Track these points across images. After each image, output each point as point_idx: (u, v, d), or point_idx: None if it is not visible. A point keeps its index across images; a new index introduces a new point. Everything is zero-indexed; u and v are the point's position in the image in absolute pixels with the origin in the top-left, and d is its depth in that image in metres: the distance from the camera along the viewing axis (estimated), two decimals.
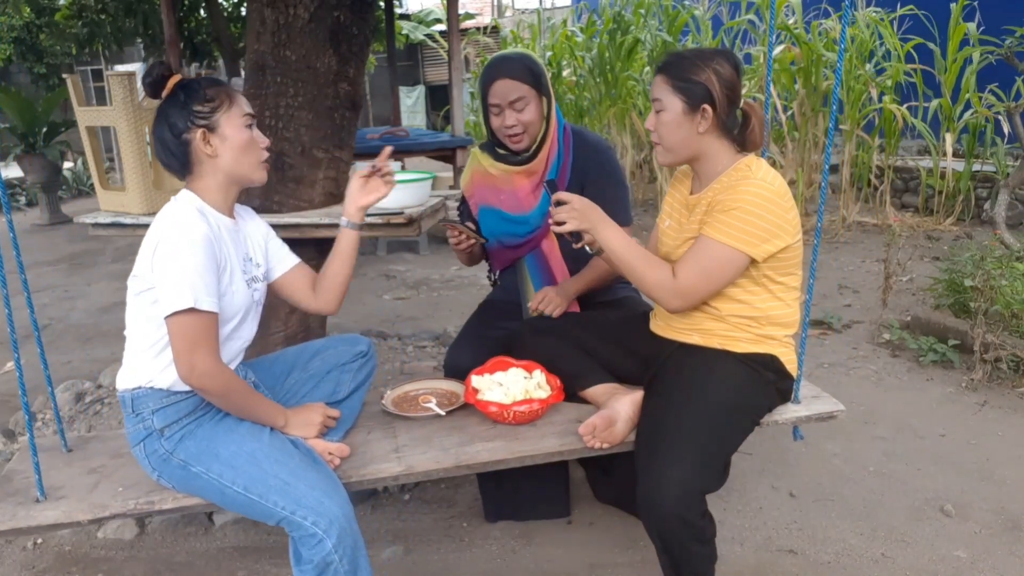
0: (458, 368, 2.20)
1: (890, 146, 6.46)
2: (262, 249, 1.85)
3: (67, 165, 10.20)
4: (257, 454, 1.63)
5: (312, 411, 1.80)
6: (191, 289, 1.53)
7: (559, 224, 1.79)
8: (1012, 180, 5.48)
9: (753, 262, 1.73)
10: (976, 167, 6.27)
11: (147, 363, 1.67)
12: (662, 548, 1.69)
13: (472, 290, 5.15)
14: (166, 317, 1.56)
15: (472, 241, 2.23)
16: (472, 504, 2.49)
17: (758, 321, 1.82)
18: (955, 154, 6.57)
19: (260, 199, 2.60)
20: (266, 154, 1.74)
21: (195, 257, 1.55)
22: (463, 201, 2.41)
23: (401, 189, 2.54)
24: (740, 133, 1.81)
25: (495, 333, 2.29)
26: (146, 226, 2.54)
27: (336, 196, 2.77)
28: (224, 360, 1.67)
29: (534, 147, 2.19)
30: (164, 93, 1.67)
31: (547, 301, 2.15)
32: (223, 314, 1.65)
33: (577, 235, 1.82)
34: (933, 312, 3.84)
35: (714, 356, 1.83)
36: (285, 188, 2.65)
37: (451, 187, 6.17)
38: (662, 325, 1.98)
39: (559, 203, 1.79)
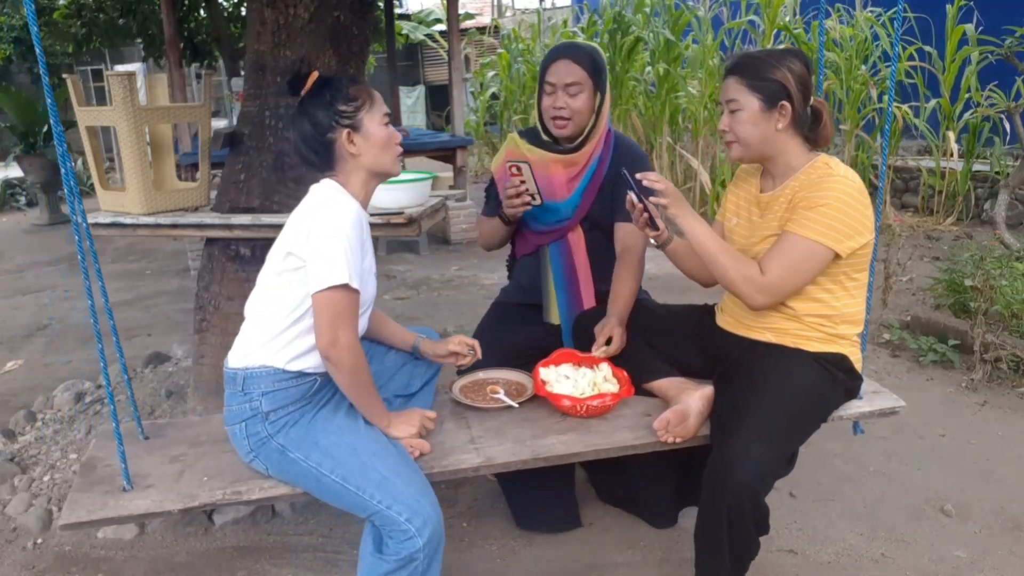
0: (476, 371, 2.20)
1: (890, 146, 6.46)
2: None
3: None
4: (356, 445, 1.66)
5: (413, 414, 1.82)
6: (347, 266, 1.57)
7: (652, 201, 1.80)
8: (1012, 180, 5.48)
9: (835, 259, 1.76)
10: (977, 167, 6.27)
11: (269, 342, 1.68)
12: (728, 525, 1.68)
13: (472, 290, 5.15)
14: (318, 292, 1.58)
15: (527, 199, 2.13)
16: (472, 504, 2.49)
17: (832, 320, 1.84)
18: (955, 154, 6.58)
19: (260, 199, 2.60)
20: (401, 148, 1.78)
21: (349, 237, 1.60)
22: (491, 183, 2.41)
23: (401, 189, 2.54)
24: (812, 129, 1.84)
25: (512, 338, 2.28)
26: (146, 226, 2.56)
27: None
28: None
29: (580, 139, 2.19)
30: (303, 90, 1.70)
31: (607, 331, 2.05)
32: (362, 299, 1.68)
33: (653, 224, 1.86)
34: (933, 312, 3.84)
35: (788, 354, 1.85)
36: (285, 188, 2.65)
37: (451, 187, 6.18)
38: (732, 322, 1.99)
39: (644, 189, 1.81)
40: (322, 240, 1.59)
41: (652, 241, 1.96)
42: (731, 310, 2.00)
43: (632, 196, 1.84)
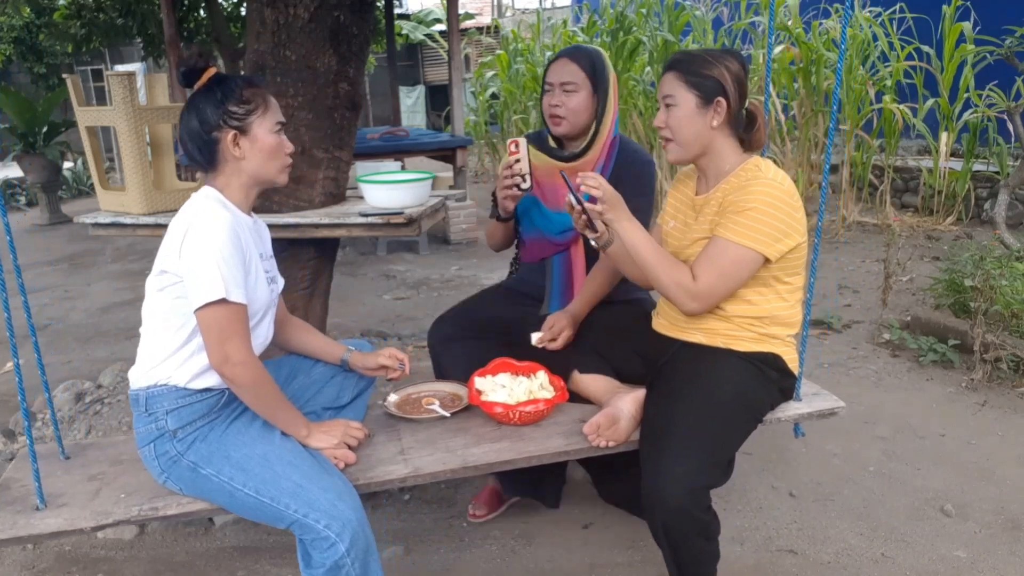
0: (439, 340, 2.25)
1: (890, 146, 6.46)
2: (270, 256, 1.85)
3: (67, 165, 10.21)
4: (269, 456, 1.62)
5: (335, 424, 1.78)
6: (222, 280, 1.52)
7: (588, 196, 1.79)
8: (1012, 180, 5.48)
9: (765, 263, 1.75)
10: (977, 167, 6.28)
11: (166, 359, 1.65)
12: (667, 544, 1.70)
13: (472, 290, 5.13)
14: (197, 310, 1.54)
15: (517, 180, 2.11)
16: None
17: (763, 321, 1.84)
18: (955, 154, 6.57)
19: (259, 199, 2.60)
20: (290, 159, 1.74)
21: (224, 249, 1.54)
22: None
23: (401, 189, 2.54)
24: (746, 132, 1.84)
25: (483, 314, 2.30)
26: (146, 226, 2.56)
27: (335, 196, 2.76)
28: None
29: (583, 146, 2.18)
30: (198, 85, 1.66)
31: (556, 330, 2.09)
32: (252, 309, 1.64)
33: (592, 227, 1.83)
34: (933, 312, 3.84)
35: (718, 354, 1.85)
36: (285, 188, 2.64)
37: (451, 187, 6.18)
38: (665, 324, 1.99)
39: (586, 200, 1.81)
40: (194, 256, 1.54)
41: (593, 243, 1.90)
42: (665, 313, 1.99)
43: (571, 198, 1.81)
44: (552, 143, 2.26)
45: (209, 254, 1.53)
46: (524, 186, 2.12)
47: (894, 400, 3.18)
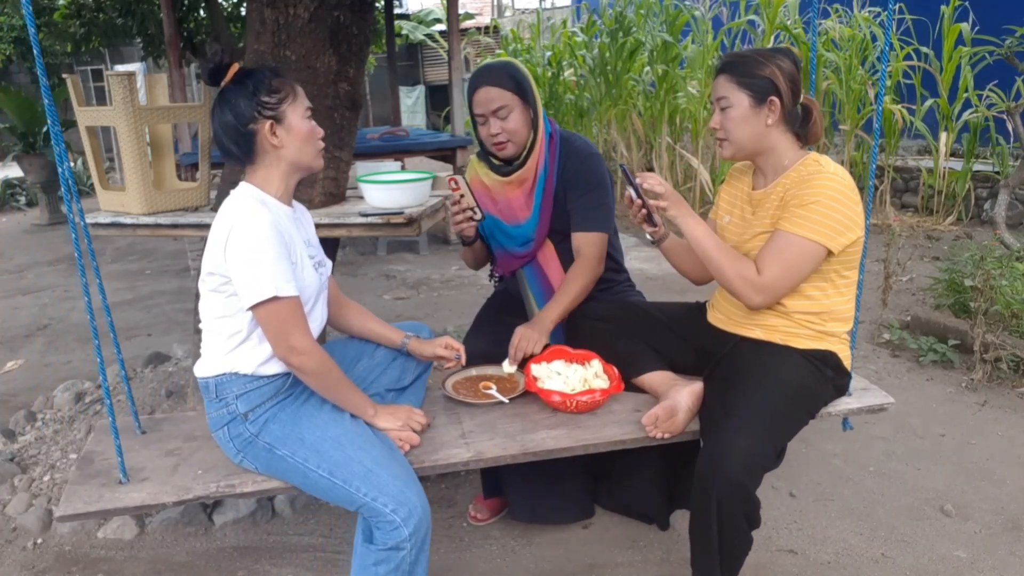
0: (475, 355, 2.20)
1: (890, 146, 6.46)
2: (316, 241, 1.89)
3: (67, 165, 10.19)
4: (342, 439, 1.66)
5: (400, 408, 1.83)
6: (271, 278, 1.57)
7: (653, 197, 1.83)
8: (1012, 180, 5.48)
9: (827, 256, 1.77)
10: (977, 167, 6.28)
11: (228, 353, 1.69)
12: (717, 521, 1.69)
13: (472, 290, 5.15)
14: (251, 308, 1.59)
15: (469, 214, 2.14)
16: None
17: (821, 317, 1.85)
18: (955, 154, 6.57)
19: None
20: (323, 143, 1.77)
21: (267, 246, 1.58)
22: None
23: (401, 189, 2.54)
24: (803, 127, 1.86)
25: (513, 320, 2.28)
26: (146, 226, 2.56)
27: (335, 196, 2.76)
28: None
29: (522, 155, 2.17)
30: (224, 81, 1.68)
31: (524, 344, 2.09)
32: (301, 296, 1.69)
33: (651, 220, 1.89)
34: (933, 312, 3.84)
35: (777, 351, 1.86)
36: None
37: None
38: (722, 318, 2.00)
39: (645, 195, 1.84)
40: (239, 257, 1.58)
41: (648, 237, 1.98)
42: (722, 307, 2.01)
43: (631, 193, 1.85)
44: (495, 160, 2.25)
45: (254, 254, 1.57)
46: (477, 217, 2.17)
47: (894, 400, 3.18)
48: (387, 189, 2.55)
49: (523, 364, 2.09)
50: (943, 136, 6.24)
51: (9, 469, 2.71)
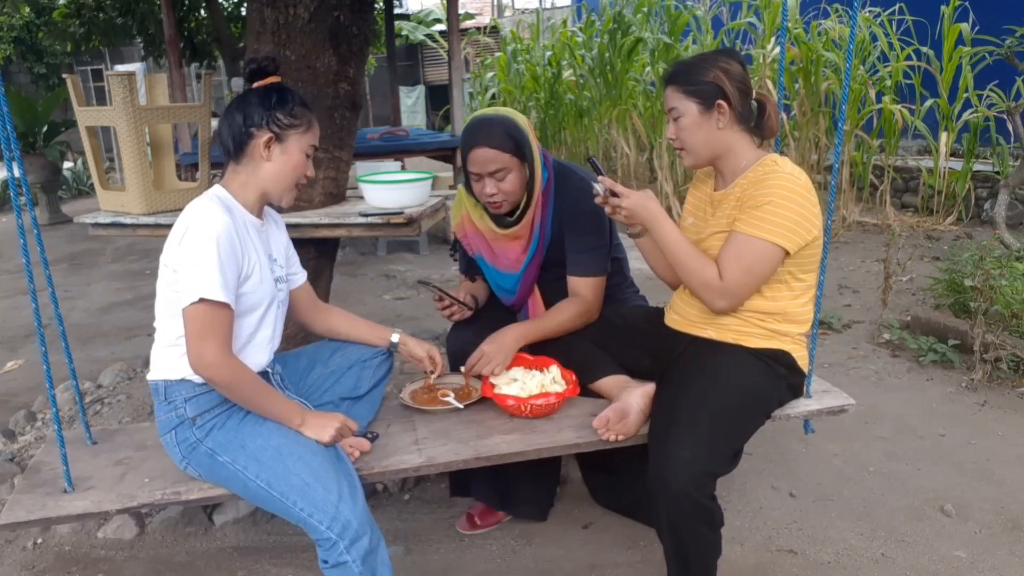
0: (461, 349, 2.21)
1: (890, 146, 6.46)
2: (284, 256, 1.89)
3: (67, 165, 10.21)
4: (282, 449, 1.65)
5: (331, 418, 1.75)
6: (206, 280, 1.56)
7: (613, 211, 1.85)
8: (1012, 180, 5.48)
9: (784, 256, 1.77)
10: (977, 167, 6.28)
11: (179, 357, 1.67)
12: (670, 531, 1.70)
13: None
14: (184, 306, 1.59)
15: (460, 310, 2.18)
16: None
17: (774, 317, 1.85)
18: (955, 154, 6.57)
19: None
20: (304, 182, 1.79)
21: (215, 249, 1.58)
22: (456, 243, 2.33)
23: (401, 189, 2.54)
24: (758, 123, 1.86)
25: (497, 314, 2.28)
26: (146, 226, 2.56)
27: (335, 196, 2.77)
28: (252, 354, 1.73)
29: (518, 213, 2.12)
30: (256, 84, 1.72)
31: (482, 364, 2.04)
32: (248, 306, 1.69)
33: None
34: (933, 312, 3.84)
35: (728, 350, 1.86)
36: None
37: (451, 187, 6.18)
38: (678, 319, 2.00)
39: (613, 194, 1.82)
40: (187, 255, 1.59)
41: (627, 230, 1.97)
42: (678, 308, 2.01)
43: (596, 188, 1.85)
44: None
45: (198, 255, 1.58)
46: (468, 313, 2.19)
47: (894, 400, 3.18)
48: (387, 189, 2.55)
49: (465, 358, 2.10)
50: (943, 136, 6.24)
51: (9, 469, 2.71)
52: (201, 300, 1.56)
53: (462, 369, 2.13)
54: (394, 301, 4.99)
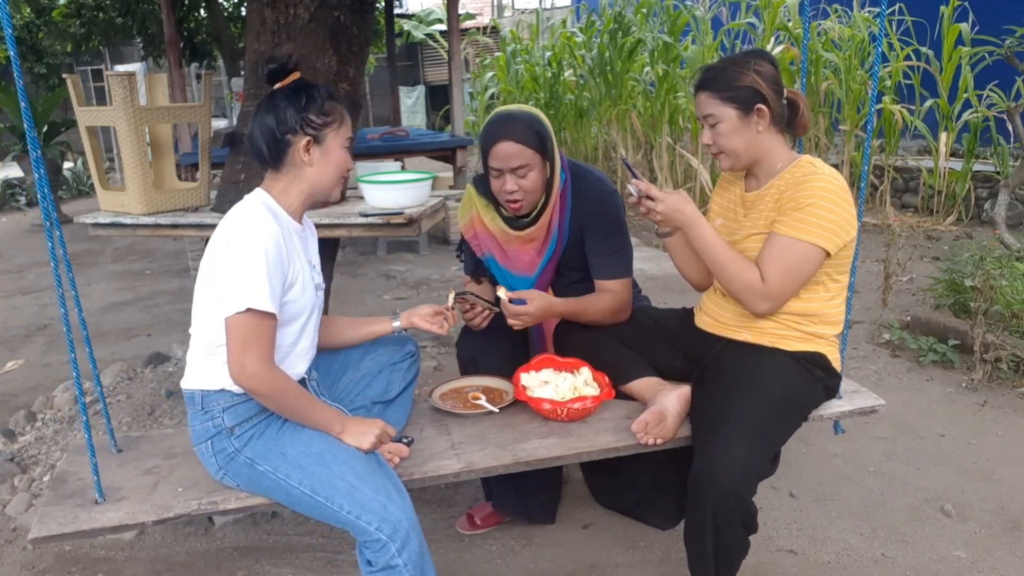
0: (471, 356, 2.19)
1: (890, 146, 6.46)
2: (318, 262, 1.86)
3: (67, 165, 10.21)
4: (325, 455, 1.62)
5: (371, 424, 1.73)
6: (251, 290, 1.53)
7: (647, 212, 1.82)
8: (1012, 180, 5.48)
9: (825, 257, 1.77)
10: (977, 167, 6.28)
11: (218, 365, 1.64)
12: (714, 529, 1.68)
13: None
14: (227, 316, 1.55)
15: (487, 312, 2.09)
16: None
17: (810, 319, 1.85)
18: (955, 154, 6.57)
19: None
20: (347, 174, 1.76)
21: (263, 258, 1.55)
22: (463, 243, 2.29)
23: (401, 189, 2.54)
24: (790, 121, 1.85)
25: (504, 323, 2.27)
26: (146, 226, 2.56)
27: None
28: (294, 364, 1.70)
29: (534, 213, 2.08)
30: (280, 84, 1.68)
31: (519, 313, 1.98)
32: (291, 315, 1.66)
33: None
34: (933, 312, 3.84)
35: (766, 353, 1.86)
36: None
37: (451, 187, 6.18)
38: (710, 322, 1.99)
39: (648, 196, 1.80)
40: (234, 264, 1.56)
41: (657, 230, 1.96)
42: (709, 310, 2.00)
43: (629, 188, 1.84)
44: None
45: (247, 263, 1.55)
46: (496, 310, 2.07)
47: (894, 400, 3.18)
48: (387, 189, 2.55)
49: (513, 370, 2.07)
50: (943, 136, 6.24)
51: (9, 469, 2.71)
52: (248, 310, 1.53)
53: (499, 291, 2.01)
54: (394, 301, 4.99)
